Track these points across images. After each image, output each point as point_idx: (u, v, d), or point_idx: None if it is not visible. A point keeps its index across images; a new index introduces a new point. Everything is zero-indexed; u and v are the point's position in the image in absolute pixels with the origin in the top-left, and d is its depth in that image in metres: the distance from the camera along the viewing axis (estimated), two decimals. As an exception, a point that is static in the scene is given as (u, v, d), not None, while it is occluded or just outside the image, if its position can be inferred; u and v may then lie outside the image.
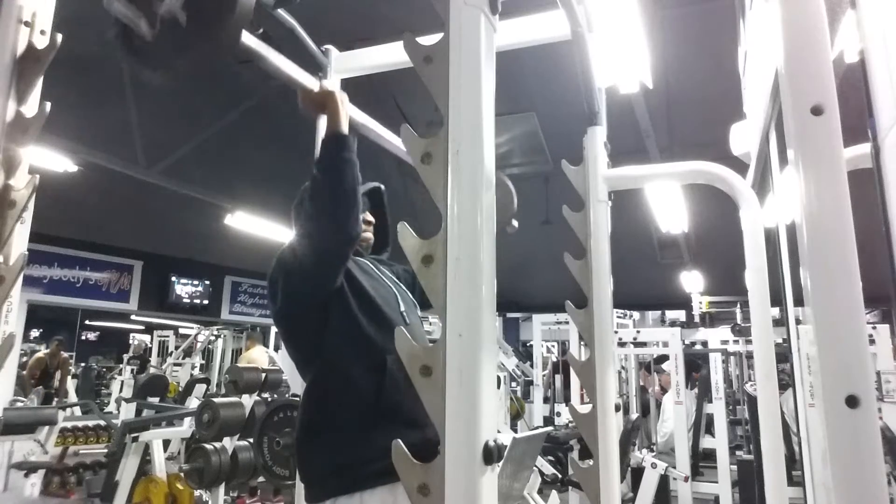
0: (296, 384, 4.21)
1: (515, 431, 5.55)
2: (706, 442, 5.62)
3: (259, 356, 6.84)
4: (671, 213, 4.81)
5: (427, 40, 0.81)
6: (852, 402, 0.64)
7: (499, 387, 5.53)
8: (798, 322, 1.91)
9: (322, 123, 1.49)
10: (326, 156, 1.38)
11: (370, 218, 1.64)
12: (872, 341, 3.84)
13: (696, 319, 7.52)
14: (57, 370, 8.12)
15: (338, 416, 1.37)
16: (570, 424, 4.37)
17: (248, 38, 1.04)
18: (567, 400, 7.81)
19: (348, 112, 1.44)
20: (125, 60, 1.04)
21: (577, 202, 1.60)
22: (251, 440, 3.12)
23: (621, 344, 5.47)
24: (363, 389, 1.35)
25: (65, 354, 8.41)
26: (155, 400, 5.18)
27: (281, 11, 1.90)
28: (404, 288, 1.62)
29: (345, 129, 1.40)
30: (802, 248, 0.71)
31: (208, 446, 3.12)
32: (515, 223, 1.84)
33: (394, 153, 1.65)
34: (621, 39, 1.92)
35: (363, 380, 1.36)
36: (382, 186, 1.69)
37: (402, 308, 1.52)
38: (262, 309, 9.71)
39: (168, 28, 0.98)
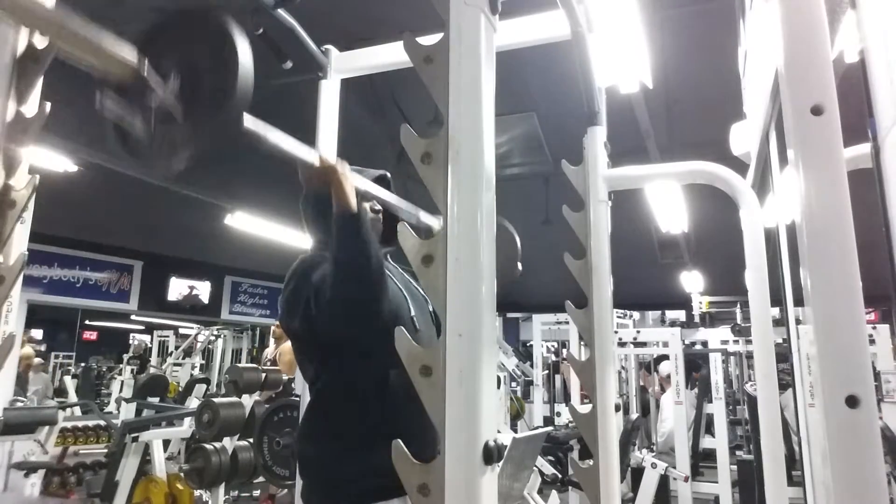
0: (296, 382, 4.20)
1: (515, 431, 5.55)
2: (706, 442, 5.63)
3: None
4: (671, 213, 4.81)
5: (427, 40, 0.81)
6: (852, 402, 0.64)
7: (499, 387, 5.52)
8: (798, 322, 1.91)
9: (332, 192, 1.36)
10: (344, 240, 1.30)
11: (378, 206, 1.59)
12: (872, 341, 3.84)
13: (696, 319, 7.52)
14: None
15: (338, 432, 1.37)
16: (570, 424, 4.37)
17: (248, 120, 0.97)
18: (567, 400, 7.81)
19: (353, 183, 1.34)
20: (124, 159, 0.98)
21: (577, 202, 1.60)
22: (251, 440, 3.12)
23: (621, 344, 5.47)
24: (364, 407, 1.35)
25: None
26: (155, 400, 5.18)
27: (281, 11, 1.90)
28: (416, 286, 1.58)
29: (354, 205, 1.31)
30: (802, 248, 0.71)
31: (208, 446, 3.12)
32: (520, 266, 1.82)
33: (404, 216, 1.58)
34: (621, 39, 1.91)
35: (365, 396, 1.36)
36: (388, 174, 1.64)
37: (413, 313, 1.48)
38: (263, 309, 9.71)
39: (165, 122, 0.92)
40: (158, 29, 0.98)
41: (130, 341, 12.46)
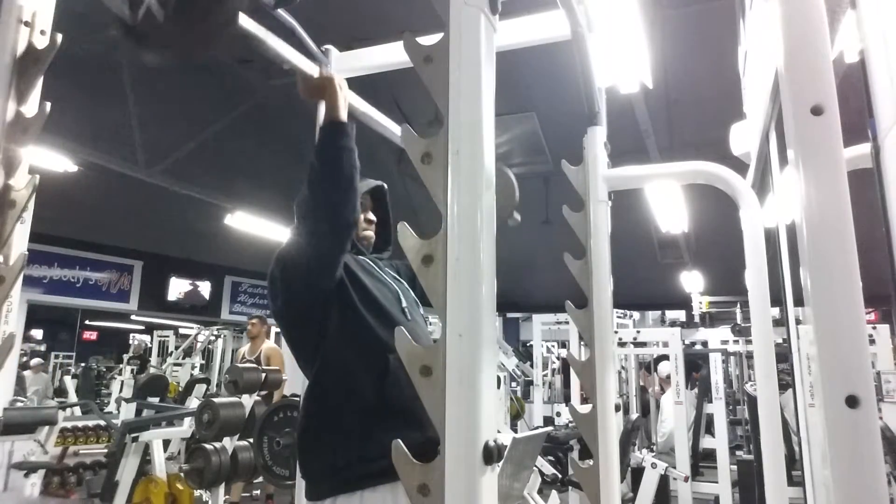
0: (296, 382, 4.20)
1: (515, 431, 5.55)
2: (706, 442, 5.63)
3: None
4: (671, 213, 4.81)
5: (427, 40, 0.81)
6: (852, 402, 0.64)
7: (499, 387, 5.53)
8: (798, 322, 1.91)
9: (322, 110, 1.49)
10: (324, 144, 1.38)
11: (372, 217, 1.63)
12: (872, 341, 3.84)
13: (696, 319, 7.52)
14: None
15: (340, 415, 1.36)
16: (570, 424, 4.37)
17: (245, 21, 0.97)
18: (567, 400, 7.81)
19: (347, 98, 1.44)
20: (122, 42, 0.98)
21: (577, 202, 1.60)
22: (251, 440, 3.12)
23: (621, 344, 5.47)
24: (365, 388, 1.34)
25: None
26: (155, 400, 5.18)
27: (281, 11, 1.90)
28: (406, 285, 1.61)
29: (343, 116, 1.39)
30: (802, 248, 0.71)
31: (208, 446, 3.12)
32: (518, 216, 1.83)
33: (394, 142, 1.65)
34: (621, 39, 1.92)
35: (365, 378, 1.35)
36: (385, 185, 1.68)
37: (404, 304, 1.51)
38: (263, 309, 9.70)
39: (162, 10, 0.91)
40: None
41: (130, 341, 12.47)
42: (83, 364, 12.43)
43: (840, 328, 0.67)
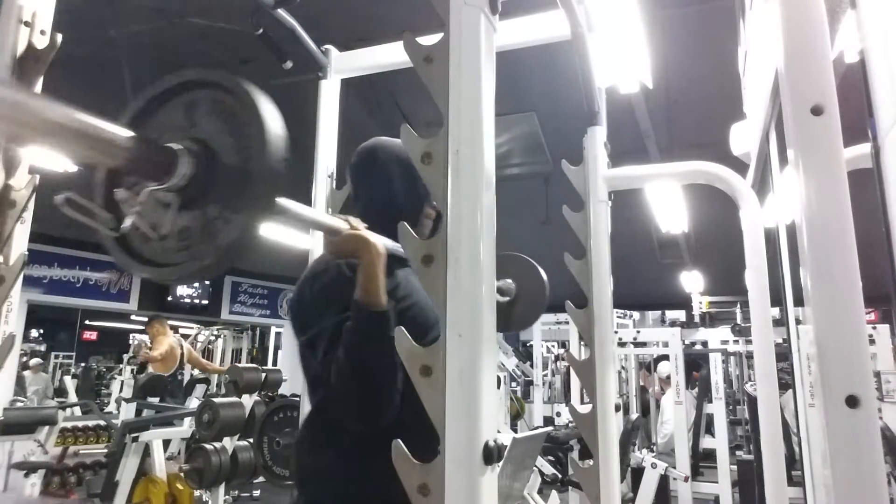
0: (296, 382, 4.20)
1: (515, 431, 5.54)
2: (706, 442, 5.62)
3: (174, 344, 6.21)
4: (671, 213, 4.81)
5: (427, 40, 0.81)
6: (852, 402, 0.64)
7: (499, 387, 5.52)
8: (798, 322, 1.91)
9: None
10: (364, 332, 1.12)
11: (431, 210, 1.42)
12: (872, 341, 3.84)
13: (696, 319, 7.52)
14: None
15: (339, 447, 1.28)
16: (570, 424, 4.37)
17: (279, 203, 0.85)
18: (567, 400, 7.81)
19: (384, 255, 1.16)
20: (123, 265, 0.81)
21: (577, 202, 1.60)
22: (251, 440, 3.13)
23: (621, 344, 5.47)
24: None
25: None
26: (155, 400, 5.18)
27: (281, 11, 1.90)
28: None
29: (383, 300, 1.13)
30: (802, 248, 0.71)
31: (208, 446, 3.12)
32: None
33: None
34: (621, 39, 1.92)
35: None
36: None
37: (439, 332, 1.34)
38: (262, 309, 9.72)
39: (174, 215, 0.77)
40: (157, 102, 0.84)
41: (130, 341, 12.45)
42: (83, 364, 12.43)
43: (840, 328, 0.67)
